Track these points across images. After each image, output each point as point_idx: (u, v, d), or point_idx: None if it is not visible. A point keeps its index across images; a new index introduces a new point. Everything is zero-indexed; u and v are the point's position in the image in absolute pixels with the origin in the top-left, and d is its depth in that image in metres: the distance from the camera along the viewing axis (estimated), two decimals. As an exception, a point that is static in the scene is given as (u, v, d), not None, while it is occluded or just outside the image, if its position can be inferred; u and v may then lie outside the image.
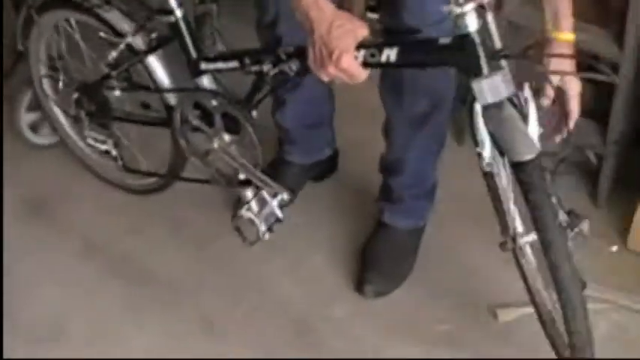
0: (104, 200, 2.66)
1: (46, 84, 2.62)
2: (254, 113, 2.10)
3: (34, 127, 2.79)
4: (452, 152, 2.58)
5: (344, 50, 1.69)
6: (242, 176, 2.23)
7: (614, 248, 2.47)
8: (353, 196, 2.62)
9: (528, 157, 1.65)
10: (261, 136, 2.10)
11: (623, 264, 2.43)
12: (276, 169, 2.58)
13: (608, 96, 2.49)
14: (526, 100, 1.72)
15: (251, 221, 2.19)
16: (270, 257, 2.45)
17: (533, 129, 1.72)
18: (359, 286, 2.35)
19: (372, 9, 3.12)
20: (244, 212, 2.19)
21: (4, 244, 2.45)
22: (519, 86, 1.71)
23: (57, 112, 2.67)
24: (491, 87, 1.65)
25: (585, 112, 2.61)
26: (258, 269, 2.43)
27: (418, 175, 2.36)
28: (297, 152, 2.59)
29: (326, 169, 2.69)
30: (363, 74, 1.74)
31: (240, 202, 2.26)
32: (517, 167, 1.68)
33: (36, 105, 2.74)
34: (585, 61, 1.85)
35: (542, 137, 1.75)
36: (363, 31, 1.73)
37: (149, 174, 2.57)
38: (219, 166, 2.26)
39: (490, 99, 1.65)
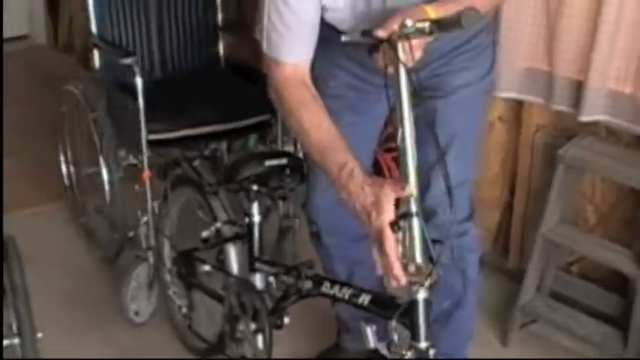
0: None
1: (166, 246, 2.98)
2: (286, 319, 2.35)
3: (138, 313, 3.11)
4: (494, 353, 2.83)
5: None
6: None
7: None
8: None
9: None
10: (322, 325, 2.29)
11: None
12: (332, 355, 2.80)
13: (629, 305, 2.69)
14: None
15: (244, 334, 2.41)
16: None
17: None
18: None
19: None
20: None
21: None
22: None
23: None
24: None
25: (608, 319, 2.86)
26: None
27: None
28: (353, 341, 2.69)
29: (380, 358, 2.92)
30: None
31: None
32: None
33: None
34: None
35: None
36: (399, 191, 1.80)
37: (201, 339, 2.85)
38: (244, 355, 2.51)
39: None
